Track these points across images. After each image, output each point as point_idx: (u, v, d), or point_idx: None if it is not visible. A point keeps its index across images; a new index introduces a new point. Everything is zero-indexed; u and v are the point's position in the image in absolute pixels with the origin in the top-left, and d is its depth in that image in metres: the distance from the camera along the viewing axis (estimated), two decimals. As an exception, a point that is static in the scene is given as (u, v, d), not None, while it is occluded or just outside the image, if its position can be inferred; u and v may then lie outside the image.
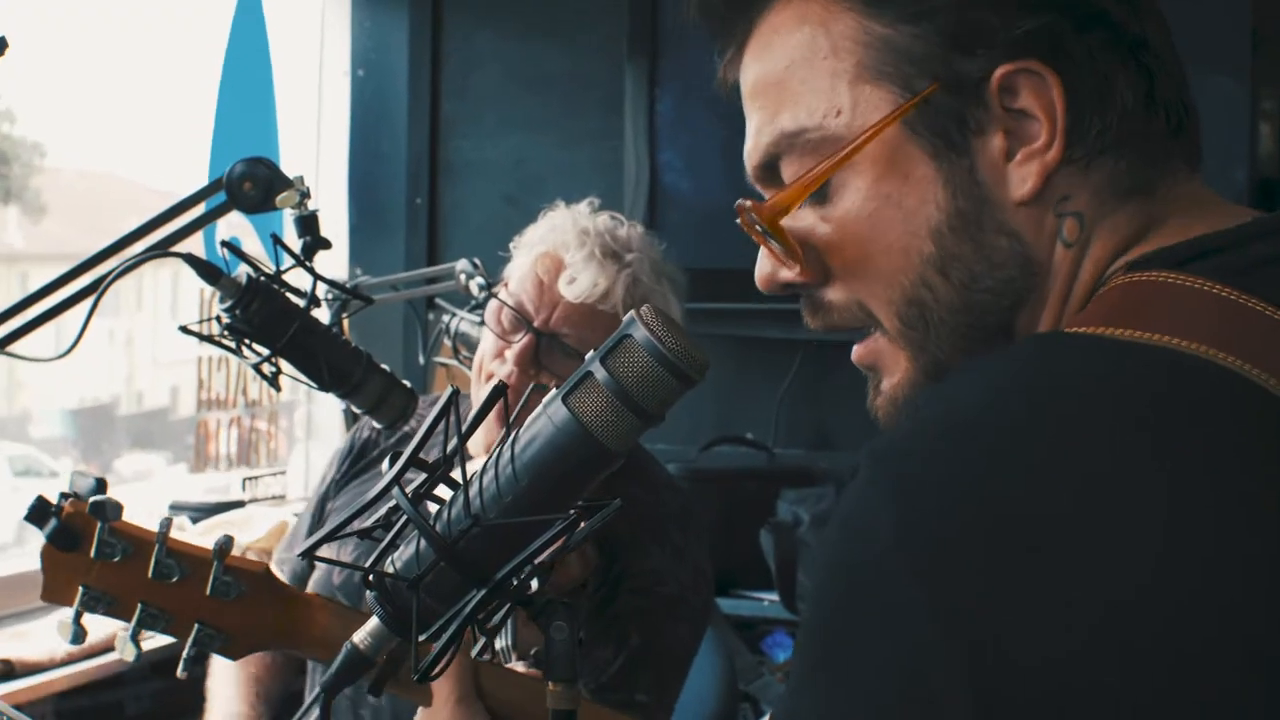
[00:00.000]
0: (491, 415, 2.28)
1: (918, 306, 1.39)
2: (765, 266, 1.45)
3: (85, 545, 2.03)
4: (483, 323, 3.08)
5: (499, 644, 2.31)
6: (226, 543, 2.07)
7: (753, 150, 1.45)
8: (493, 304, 2.90)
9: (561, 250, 2.85)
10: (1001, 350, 1.34)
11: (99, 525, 2.03)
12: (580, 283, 2.80)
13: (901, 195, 1.37)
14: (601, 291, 2.80)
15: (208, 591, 2.06)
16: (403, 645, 1.63)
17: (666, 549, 2.86)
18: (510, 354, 2.81)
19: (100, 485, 2.08)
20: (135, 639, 2.05)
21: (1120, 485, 1.10)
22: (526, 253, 2.91)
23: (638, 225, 2.97)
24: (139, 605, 2.04)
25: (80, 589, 2.03)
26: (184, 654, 2.05)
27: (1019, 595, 1.08)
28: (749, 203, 1.44)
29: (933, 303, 1.39)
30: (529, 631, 2.42)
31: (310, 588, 3.03)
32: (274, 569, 3.14)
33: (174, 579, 2.05)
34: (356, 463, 3.17)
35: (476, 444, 2.69)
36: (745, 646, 4.46)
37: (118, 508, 2.04)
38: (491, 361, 2.85)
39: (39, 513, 2.04)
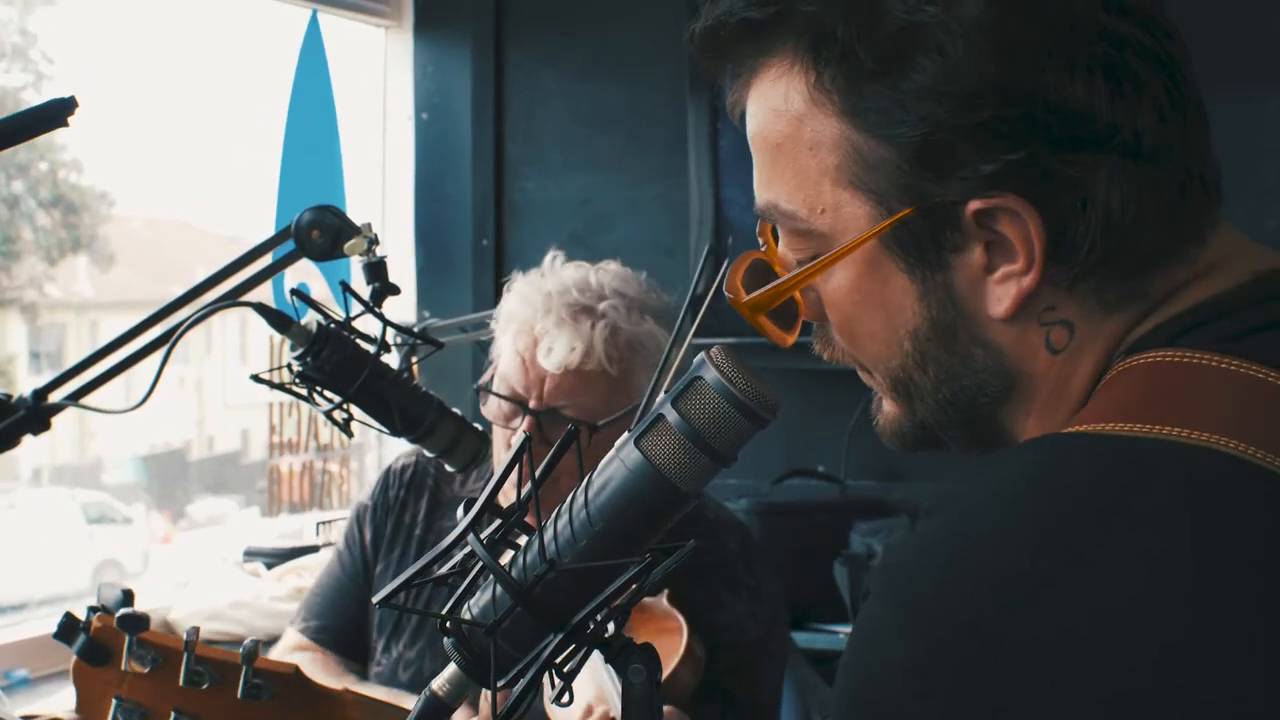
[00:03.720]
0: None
1: (902, 385, 1.43)
2: None
3: (115, 658, 2.06)
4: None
5: None
6: (254, 647, 2.10)
7: (756, 195, 1.46)
8: (489, 400, 2.88)
9: (532, 321, 2.82)
10: (1009, 453, 1.36)
11: (127, 638, 2.05)
12: (557, 352, 2.77)
13: (882, 297, 1.38)
14: (581, 354, 2.77)
15: (239, 695, 2.08)
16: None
17: (741, 594, 2.86)
18: (516, 440, 2.80)
19: (127, 597, 2.11)
20: None
21: (1134, 606, 1.10)
22: (504, 331, 2.90)
23: (609, 265, 2.93)
24: (172, 713, 2.07)
25: (114, 701, 2.06)
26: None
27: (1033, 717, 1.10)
28: (729, 295, 1.49)
29: (914, 387, 1.42)
30: None
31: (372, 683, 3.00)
32: (297, 634, 3.11)
33: (205, 685, 2.07)
34: (397, 524, 3.13)
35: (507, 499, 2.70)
36: (822, 680, 4.44)
37: (144, 620, 2.06)
38: (505, 454, 2.82)
39: (68, 630, 2.07)
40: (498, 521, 1.56)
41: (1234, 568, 1.12)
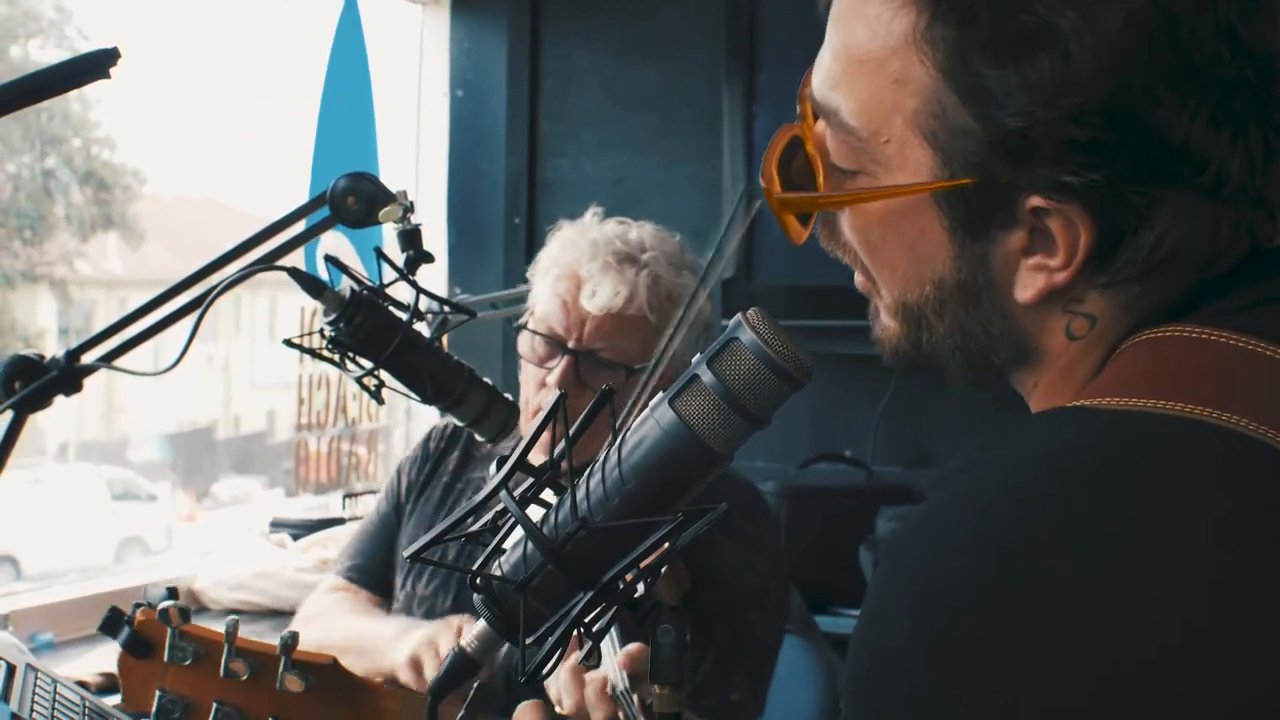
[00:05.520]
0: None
1: (914, 319, 1.42)
2: None
3: (158, 651, 2.08)
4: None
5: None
6: (292, 638, 2.11)
7: (816, 86, 1.42)
8: (523, 336, 2.92)
9: (576, 266, 2.88)
10: (1019, 427, 1.34)
11: (170, 631, 2.07)
12: (601, 294, 2.83)
13: (915, 241, 1.37)
14: (625, 298, 2.82)
15: (278, 686, 2.10)
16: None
17: (738, 541, 2.86)
18: (552, 379, 2.84)
19: (171, 593, 2.12)
20: None
21: (1150, 591, 1.09)
22: (544, 277, 2.95)
23: (647, 225, 2.98)
24: (214, 705, 2.09)
25: (157, 693, 2.09)
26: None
27: (1037, 688, 1.09)
28: (763, 184, 1.46)
29: (926, 323, 1.41)
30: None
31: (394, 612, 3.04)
32: (334, 576, 3.18)
33: (244, 677, 2.09)
34: (431, 473, 3.19)
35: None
36: (844, 664, 4.43)
37: (186, 613, 2.09)
38: (536, 394, 2.88)
39: (112, 623, 2.09)
40: (530, 479, 1.56)
41: (1253, 550, 1.11)
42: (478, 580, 1.57)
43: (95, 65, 1.93)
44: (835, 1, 1.41)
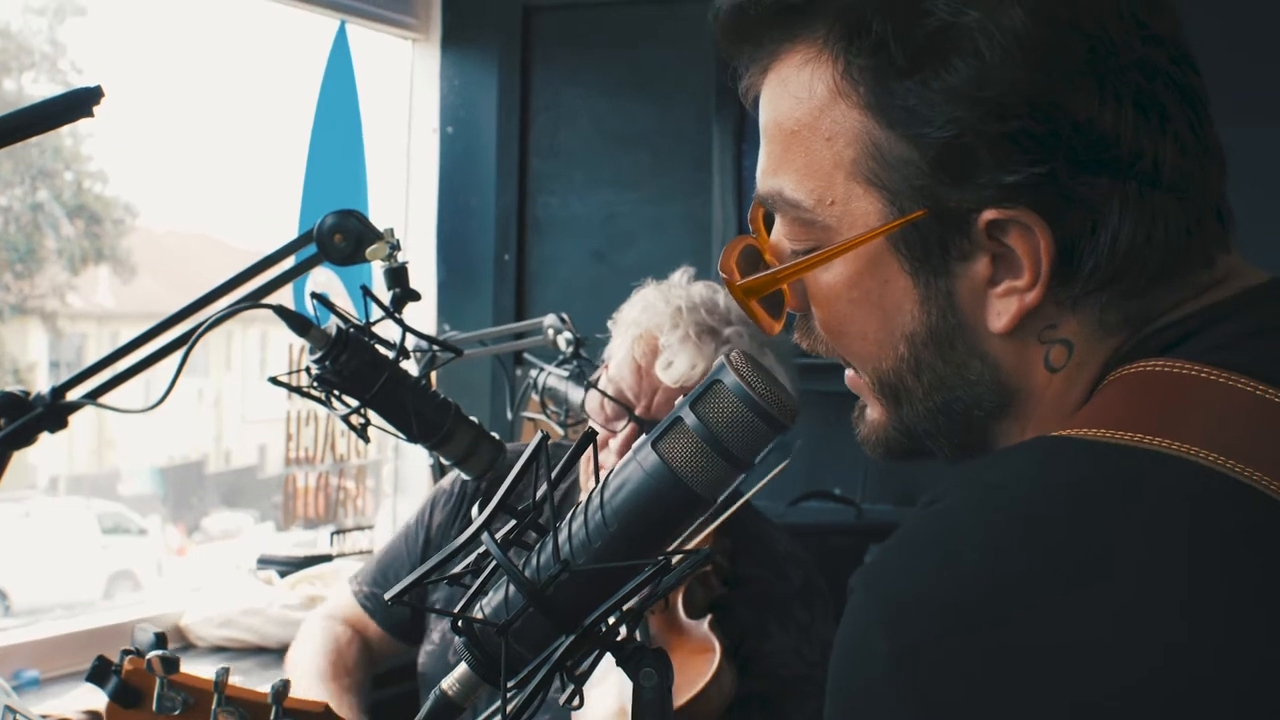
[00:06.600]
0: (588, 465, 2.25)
1: (892, 388, 1.42)
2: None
3: (147, 701, 2.06)
4: (570, 377, 3.06)
5: None
6: (283, 687, 2.09)
7: (759, 182, 1.45)
8: (593, 394, 2.88)
9: (656, 332, 2.81)
10: (999, 454, 1.36)
11: (158, 680, 2.05)
12: (677, 366, 2.77)
13: (880, 296, 1.38)
14: (700, 373, 2.74)
15: None
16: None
17: (790, 628, 2.84)
18: (615, 444, 2.80)
19: (160, 640, 2.10)
20: None
21: (1125, 619, 1.10)
22: (623, 335, 2.88)
23: None
24: None
25: None
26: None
27: (1012, 715, 1.10)
28: (724, 276, 1.48)
29: (905, 391, 1.41)
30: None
31: (421, 661, 3.03)
32: (350, 596, 3.14)
33: None
34: (467, 515, 3.12)
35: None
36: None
37: (174, 662, 2.06)
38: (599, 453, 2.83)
39: (100, 673, 2.07)
40: (513, 521, 1.56)
41: (1225, 583, 1.12)
42: (459, 623, 1.56)
43: (79, 103, 1.93)
44: (761, 92, 1.44)
